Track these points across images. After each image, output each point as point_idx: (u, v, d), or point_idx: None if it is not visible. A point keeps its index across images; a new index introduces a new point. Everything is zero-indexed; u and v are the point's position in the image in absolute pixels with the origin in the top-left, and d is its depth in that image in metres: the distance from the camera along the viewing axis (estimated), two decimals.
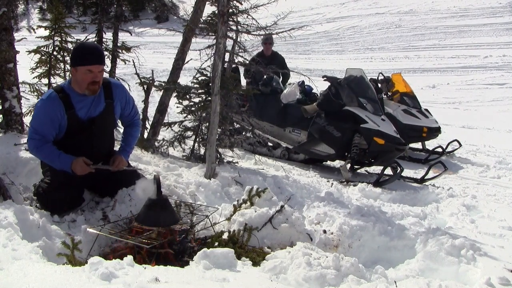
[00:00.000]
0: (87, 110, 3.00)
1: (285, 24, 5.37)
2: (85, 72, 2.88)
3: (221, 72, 4.17)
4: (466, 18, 21.28)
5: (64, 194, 2.97)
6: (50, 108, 2.92)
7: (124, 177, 3.12)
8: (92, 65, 2.88)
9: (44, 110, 2.94)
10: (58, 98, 2.93)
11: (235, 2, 4.70)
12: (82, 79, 2.90)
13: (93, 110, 3.02)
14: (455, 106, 11.33)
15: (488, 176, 6.33)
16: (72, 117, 2.96)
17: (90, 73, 2.89)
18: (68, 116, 2.94)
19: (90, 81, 2.90)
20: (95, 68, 2.90)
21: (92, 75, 2.90)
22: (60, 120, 2.94)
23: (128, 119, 3.33)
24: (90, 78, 2.90)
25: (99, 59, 2.95)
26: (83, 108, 2.99)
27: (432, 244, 3.02)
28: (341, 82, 6.05)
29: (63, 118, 2.95)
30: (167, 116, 5.12)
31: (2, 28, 4.11)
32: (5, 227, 2.35)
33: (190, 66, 5.23)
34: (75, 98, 2.96)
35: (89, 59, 2.89)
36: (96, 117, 3.04)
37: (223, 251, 2.37)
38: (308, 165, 6.43)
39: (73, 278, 1.85)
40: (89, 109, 3.01)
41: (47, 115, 2.92)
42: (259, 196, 3.14)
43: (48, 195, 2.98)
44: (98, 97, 3.02)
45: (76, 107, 2.96)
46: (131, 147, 3.36)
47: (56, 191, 2.96)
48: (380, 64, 15.39)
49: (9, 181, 3.11)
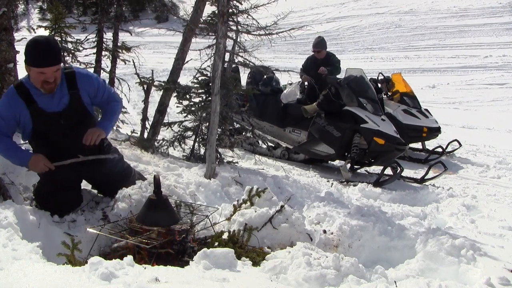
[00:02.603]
0: (50, 103, 2.82)
1: (285, 24, 5.37)
2: (37, 72, 2.70)
3: (221, 72, 4.17)
4: (466, 18, 21.28)
5: (61, 197, 2.92)
6: (7, 105, 2.79)
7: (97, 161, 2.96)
8: (46, 68, 2.69)
9: (6, 105, 2.80)
10: (16, 94, 2.78)
11: (235, 2, 4.70)
12: (35, 78, 2.73)
13: (57, 103, 2.84)
14: (455, 106, 11.33)
15: (488, 176, 6.33)
16: (35, 111, 2.79)
17: (42, 74, 2.70)
18: (31, 111, 2.78)
19: (43, 81, 2.72)
20: (47, 70, 2.69)
21: (45, 76, 2.71)
22: (20, 116, 2.79)
23: (103, 102, 3.09)
24: (43, 78, 2.71)
25: (52, 61, 2.72)
26: (45, 101, 2.81)
27: (432, 244, 3.02)
28: (341, 82, 6.05)
29: (24, 114, 2.78)
30: (167, 116, 5.12)
31: (2, 28, 4.11)
32: (5, 227, 2.35)
33: (190, 66, 5.22)
34: (35, 92, 2.80)
35: (41, 62, 2.69)
36: (63, 110, 2.85)
37: (223, 251, 2.37)
38: (308, 165, 6.43)
39: (73, 278, 1.85)
40: (52, 102, 2.83)
41: (9, 109, 2.78)
42: (259, 196, 3.13)
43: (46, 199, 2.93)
44: (60, 90, 2.84)
45: (38, 100, 2.80)
46: (111, 120, 3.10)
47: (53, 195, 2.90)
48: (380, 64, 15.38)
49: (9, 181, 3.10)
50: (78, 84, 2.90)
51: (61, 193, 2.93)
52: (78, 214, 2.98)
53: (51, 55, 2.73)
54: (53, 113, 2.83)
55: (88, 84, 2.95)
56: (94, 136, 2.86)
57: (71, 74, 2.90)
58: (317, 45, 6.84)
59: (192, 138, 5.20)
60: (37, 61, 2.69)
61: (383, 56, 17.36)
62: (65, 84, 2.86)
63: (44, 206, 2.92)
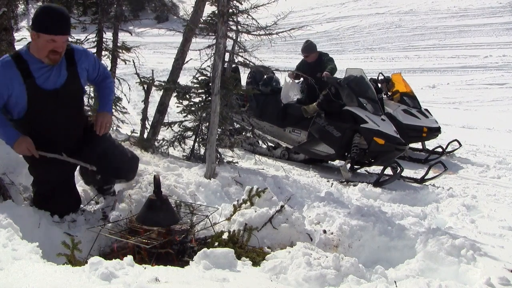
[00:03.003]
0: (48, 79, 2.70)
1: (285, 24, 5.37)
2: (47, 40, 2.58)
3: (221, 72, 4.17)
4: (466, 18, 21.28)
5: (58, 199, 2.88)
6: (4, 74, 2.61)
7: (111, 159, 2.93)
8: (57, 35, 2.59)
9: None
10: (13, 64, 2.62)
11: (235, 2, 4.70)
12: (43, 46, 2.61)
13: (55, 80, 2.73)
14: (455, 106, 11.33)
15: (488, 176, 6.33)
16: (31, 87, 2.65)
17: (52, 42, 2.59)
18: (27, 86, 2.64)
19: (51, 50, 2.62)
20: (59, 38, 2.60)
21: (55, 44, 2.60)
22: (13, 90, 2.64)
23: (98, 79, 3.02)
24: (52, 47, 2.61)
25: (65, 29, 2.64)
26: (43, 77, 2.69)
27: (432, 244, 3.02)
28: (341, 82, 6.05)
29: (19, 89, 2.64)
30: (167, 116, 5.11)
31: (2, 28, 4.11)
32: (5, 227, 2.34)
33: (190, 66, 5.22)
34: (34, 65, 2.66)
35: (55, 29, 2.58)
36: (60, 88, 2.74)
37: (223, 251, 2.37)
38: (308, 165, 6.43)
39: (73, 278, 1.85)
40: (50, 78, 2.71)
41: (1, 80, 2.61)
42: (259, 196, 3.14)
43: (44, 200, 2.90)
44: (59, 66, 2.74)
45: (36, 75, 2.66)
46: (110, 99, 3.07)
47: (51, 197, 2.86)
48: (380, 64, 15.39)
49: (9, 181, 3.10)
50: (76, 60, 2.81)
51: (58, 195, 2.90)
52: (78, 214, 2.98)
53: (65, 23, 2.65)
54: (50, 90, 2.72)
55: (86, 60, 2.88)
56: (106, 125, 2.88)
57: (69, 50, 2.80)
58: (304, 50, 6.75)
59: (192, 138, 5.20)
60: (51, 28, 2.58)
61: (383, 56, 17.37)
62: (64, 60, 2.77)
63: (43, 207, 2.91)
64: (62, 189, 2.93)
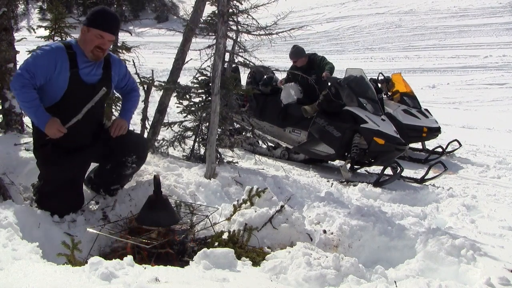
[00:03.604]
0: (88, 74, 2.89)
1: (285, 24, 5.36)
2: (96, 35, 2.80)
3: (221, 72, 4.17)
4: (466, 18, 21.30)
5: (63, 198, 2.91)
6: (54, 57, 2.77)
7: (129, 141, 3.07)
8: (106, 33, 2.82)
9: (48, 55, 2.78)
10: (64, 51, 2.81)
11: (235, 2, 4.70)
12: (90, 40, 2.82)
13: (94, 76, 2.92)
14: (455, 106, 11.34)
15: (488, 176, 6.33)
16: (74, 76, 2.82)
17: (100, 38, 2.81)
18: (71, 74, 2.81)
19: (96, 46, 2.82)
20: (107, 36, 2.83)
21: (102, 41, 2.82)
22: (60, 75, 2.78)
23: (125, 89, 3.23)
24: (98, 43, 2.82)
25: (115, 29, 2.92)
26: (85, 70, 2.87)
27: (432, 244, 3.02)
28: (341, 82, 6.05)
29: (64, 75, 2.79)
30: (167, 116, 5.10)
31: (2, 28, 4.11)
32: (5, 227, 2.35)
33: (190, 66, 5.22)
34: (80, 57, 2.85)
35: (106, 26, 2.82)
36: (96, 84, 2.92)
37: (223, 251, 2.37)
38: (308, 165, 6.43)
39: (73, 278, 1.85)
40: (91, 73, 2.90)
41: (49, 60, 2.76)
42: (259, 196, 3.14)
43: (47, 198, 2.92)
44: (97, 65, 2.94)
45: (80, 67, 2.85)
46: (131, 111, 3.25)
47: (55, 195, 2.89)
48: (380, 64, 15.39)
49: (9, 181, 3.11)
50: (111, 65, 3.03)
51: (63, 194, 2.92)
52: (78, 214, 2.98)
53: (116, 24, 2.92)
54: (88, 84, 2.89)
55: (118, 68, 3.11)
56: (121, 129, 3.01)
57: (107, 55, 3.01)
58: (292, 55, 6.68)
59: (192, 138, 5.20)
60: (102, 24, 2.80)
61: (383, 56, 17.38)
62: (102, 61, 2.97)
63: (44, 206, 2.91)
64: (69, 188, 2.96)
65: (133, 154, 3.11)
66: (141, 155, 3.21)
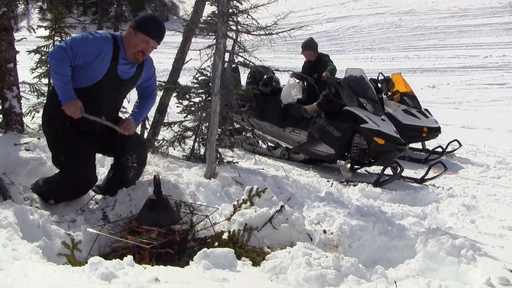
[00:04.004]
0: (124, 70, 3.01)
1: (285, 24, 5.37)
2: (142, 40, 2.92)
3: (221, 72, 4.17)
4: (466, 18, 21.30)
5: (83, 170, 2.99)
6: (102, 45, 2.88)
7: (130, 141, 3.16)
8: (152, 40, 2.94)
9: (97, 42, 2.88)
10: (111, 43, 2.92)
11: (235, 2, 4.70)
12: (135, 44, 2.93)
13: (127, 73, 3.05)
14: (455, 106, 11.34)
15: (488, 176, 6.34)
16: (112, 69, 2.94)
17: (145, 44, 2.93)
18: (110, 66, 2.92)
19: (139, 50, 2.94)
20: (152, 43, 2.96)
21: (146, 46, 2.94)
22: (102, 63, 2.89)
23: (145, 91, 3.34)
24: (142, 48, 2.94)
25: (160, 39, 3.02)
26: (123, 66, 2.99)
27: (432, 244, 3.03)
28: (341, 82, 6.05)
29: (104, 64, 2.90)
30: (167, 116, 5.11)
31: (2, 28, 4.11)
32: (5, 227, 2.35)
33: (190, 66, 5.22)
34: (121, 53, 2.96)
35: (154, 34, 2.95)
36: (127, 80, 3.06)
37: (223, 251, 2.37)
38: (308, 165, 6.43)
39: (73, 278, 1.85)
40: (126, 70, 3.02)
41: (96, 47, 2.87)
42: (259, 196, 3.14)
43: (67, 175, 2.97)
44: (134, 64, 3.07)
45: (120, 62, 2.97)
46: (143, 116, 3.42)
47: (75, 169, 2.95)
48: (380, 64, 15.39)
49: (9, 181, 3.10)
50: (144, 64, 3.15)
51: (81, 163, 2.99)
52: (78, 214, 2.99)
53: (163, 34, 3.05)
54: (120, 79, 3.03)
55: (150, 68, 3.23)
56: (129, 131, 3.11)
57: None
58: (302, 45, 6.87)
59: (192, 138, 5.20)
60: (152, 32, 2.95)
61: (383, 56, 17.38)
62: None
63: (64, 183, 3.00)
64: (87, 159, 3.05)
65: (133, 153, 3.16)
66: (141, 154, 3.27)
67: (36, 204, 3.05)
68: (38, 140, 4.00)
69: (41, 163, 3.48)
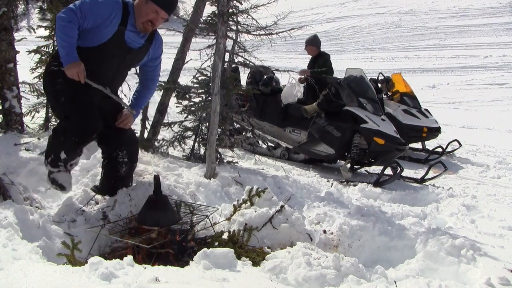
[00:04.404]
0: (131, 38, 2.93)
1: (285, 24, 5.37)
2: (152, 9, 2.86)
3: (221, 72, 4.17)
4: (466, 18, 21.31)
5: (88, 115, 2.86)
6: (112, 8, 2.81)
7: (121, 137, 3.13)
8: (163, 10, 2.88)
9: (107, 5, 2.81)
10: (120, 8, 2.85)
11: (235, 2, 4.70)
12: (145, 13, 2.88)
13: (135, 42, 2.97)
14: (455, 106, 11.34)
15: (488, 176, 6.34)
16: (119, 33, 2.87)
17: (155, 14, 2.87)
18: (117, 30, 2.85)
19: (149, 19, 2.88)
20: (162, 14, 2.89)
21: (155, 16, 2.88)
22: (110, 26, 2.82)
23: (149, 73, 3.26)
24: (152, 17, 2.88)
25: (171, 9, 2.96)
26: (131, 34, 2.92)
27: (432, 244, 3.03)
28: (341, 82, 6.05)
29: (112, 28, 2.83)
30: (167, 116, 5.11)
31: (2, 28, 4.11)
32: (5, 227, 2.35)
33: (190, 66, 5.22)
34: (131, 20, 2.90)
35: (166, 5, 2.90)
36: (133, 49, 2.98)
37: (223, 251, 2.37)
38: (308, 165, 6.43)
39: (73, 278, 1.85)
40: (133, 38, 2.95)
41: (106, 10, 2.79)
42: (259, 196, 3.14)
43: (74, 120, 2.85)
44: (143, 35, 3.00)
45: (128, 28, 2.89)
46: (142, 107, 3.38)
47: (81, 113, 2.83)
48: (380, 64, 15.40)
49: (9, 181, 3.10)
50: (154, 41, 3.08)
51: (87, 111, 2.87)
52: (78, 214, 2.98)
53: (175, 4, 3.01)
54: (127, 46, 2.95)
55: (158, 47, 3.15)
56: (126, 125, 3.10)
57: (154, 30, 3.07)
58: (306, 40, 7.03)
59: (192, 138, 5.20)
60: (163, 2, 2.88)
61: (383, 56, 17.38)
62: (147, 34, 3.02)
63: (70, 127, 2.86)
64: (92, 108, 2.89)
65: (124, 149, 3.12)
66: (132, 149, 3.21)
67: (36, 204, 3.05)
68: (38, 140, 4.00)
69: (41, 163, 3.47)
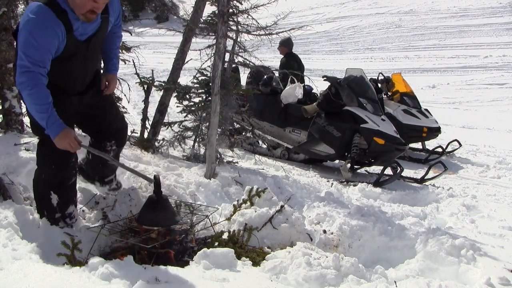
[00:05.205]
0: (83, 29, 2.51)
1: (285, 24, 5.37)
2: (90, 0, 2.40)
3: (221, 72, 4.17)
4: (466, 18, 21.28)
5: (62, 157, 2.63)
6: (52, 27, 2.35)
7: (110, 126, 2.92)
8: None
9: (46, 29, 2.33)
10: (53, 15, 2.35)
11: (235, 2, 4.70)
12: (83, 4, 2.40)
13: (89, 28, 2.54)
14: (455, 106, 11.33)
15: (488, 176, 6.33)
16: (70, 39, 2.45)
17: (93, 2, 2.40)
18: (68, 39, 2.43)
19: (89, 10, 2.42)
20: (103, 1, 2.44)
21: (95, 5, 2.42)
22: (59, 44, 2.41)
23: (117, 30, 2.89)
24: (91, 7, 2.41)
25: None
26: (80, 28, 2.49)
27: (432, 244, 3.03)
28: (341, 82, 6.05)
29: (61, 41, 2.41)
30: (167, 116, 5.11)
31: (2, 28, 4.11)
32: (5, 227, 2.35)
33: (190, 66, 5.22)
34: (72, 15, 2.43)
35: None
36: (92, 36, 2.57)
37: (223, 251, 2.37)
38: (308, 165, 6.43)
39: (73, 278, 1.85)
40: (86, 29, 2.53)
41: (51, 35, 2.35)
42: (259, 196, 3.14)
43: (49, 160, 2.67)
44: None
45: (74, 26, 2.45)
46: (118, 58, 3.04)
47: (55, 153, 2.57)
48: (380, 64, 15.38)
49: (9, 181, 3.10)
50: (109, 6, 2.63)
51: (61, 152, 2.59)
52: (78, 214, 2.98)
53: None
54: (85, 40, 2.56)
55: (116, 7, 2.73)
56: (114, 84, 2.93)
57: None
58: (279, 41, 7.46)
59: (192, 138, 5.20)
60: None
61: (383, 56, 17.36)
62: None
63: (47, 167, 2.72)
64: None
65: (112, 140, 2.98)
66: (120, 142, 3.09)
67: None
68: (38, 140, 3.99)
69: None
